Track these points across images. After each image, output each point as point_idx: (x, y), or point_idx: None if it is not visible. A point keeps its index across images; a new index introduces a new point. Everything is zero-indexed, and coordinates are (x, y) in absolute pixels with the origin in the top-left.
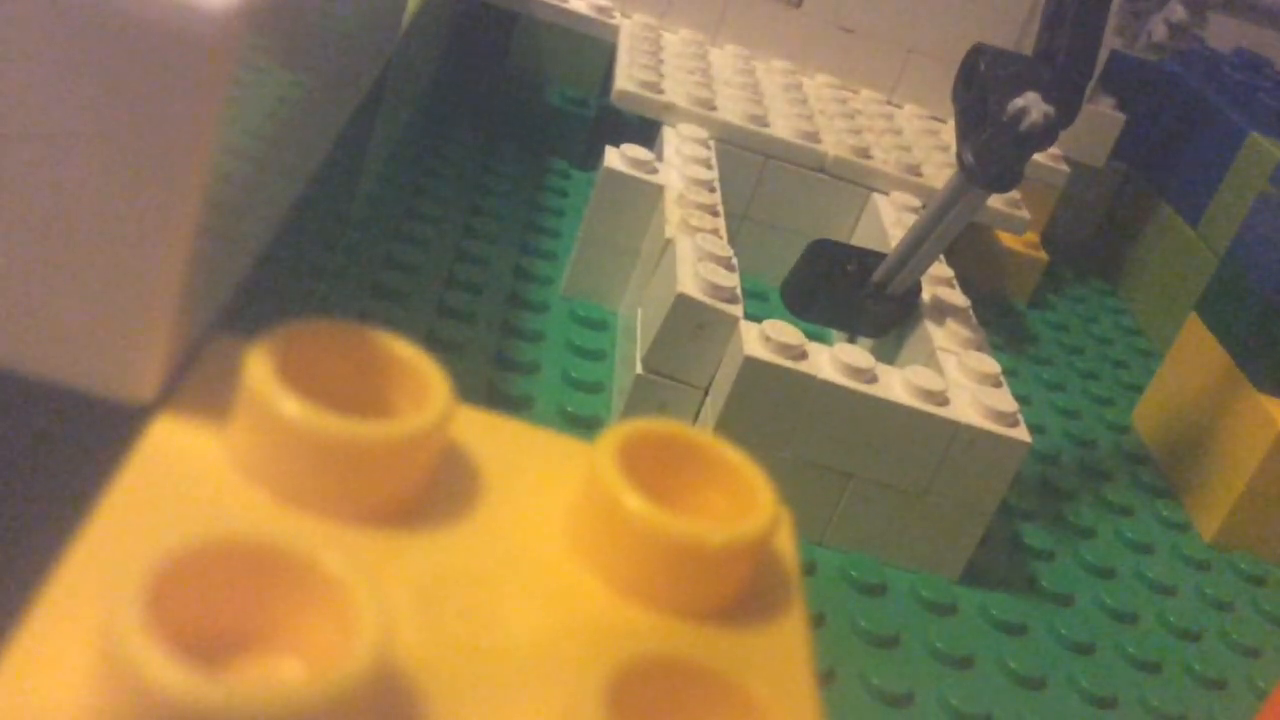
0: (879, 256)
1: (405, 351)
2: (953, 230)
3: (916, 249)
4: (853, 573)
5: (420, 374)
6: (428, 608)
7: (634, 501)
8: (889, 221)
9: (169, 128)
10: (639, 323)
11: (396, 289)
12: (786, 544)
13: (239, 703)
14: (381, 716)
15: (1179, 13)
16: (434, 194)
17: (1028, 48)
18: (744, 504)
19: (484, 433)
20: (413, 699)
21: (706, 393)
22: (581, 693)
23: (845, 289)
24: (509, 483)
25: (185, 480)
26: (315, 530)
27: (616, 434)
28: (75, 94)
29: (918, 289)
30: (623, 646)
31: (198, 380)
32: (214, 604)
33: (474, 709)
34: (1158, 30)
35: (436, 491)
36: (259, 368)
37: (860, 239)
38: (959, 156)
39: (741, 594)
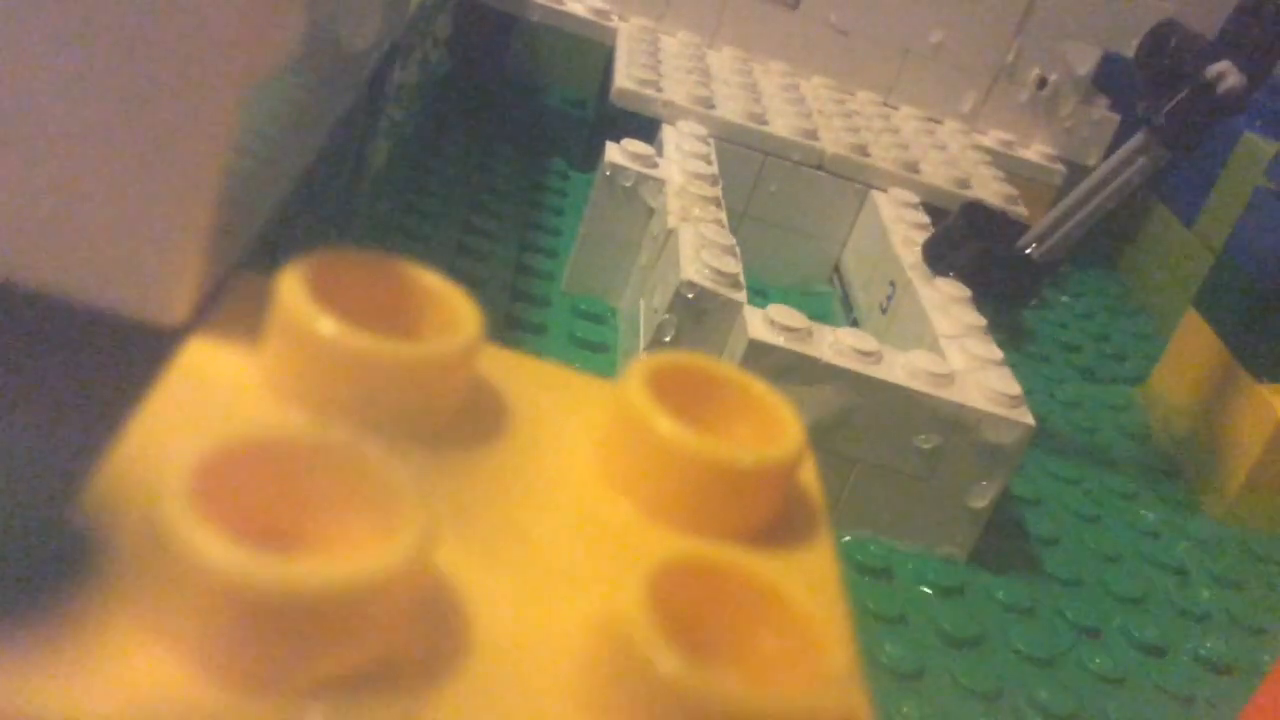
0: (1028, 229)
1: (434, 282)
2: (1123, 193)
3: (1075, 213)
4: (858, 556)
5: (450, 303)
6: (463, 523)
7: (665, 424)
8: (888, 218)
9: (205, 58)
10: (642, 312)
11: None
12: (811, 479)
13: (287, 578)
14: (422, 612)
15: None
16: (434, 193)
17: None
18: (771, 433)
19: (511, 369)
20: (450, 601)
21: None
22: (618, 595)
23: (988, 251)
24: (538, 415)
25: (218, 397)
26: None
27: (645, 365)
28: (108, 20)
29: (1058, 261)
30: (655, 557)
31: (227, 307)
32: (259, 499)
33: (510, 612)
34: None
35: (467, 420)
36: (293, 288)
37: (859, 236)
38: (1145, 119)
39: (772, 519)
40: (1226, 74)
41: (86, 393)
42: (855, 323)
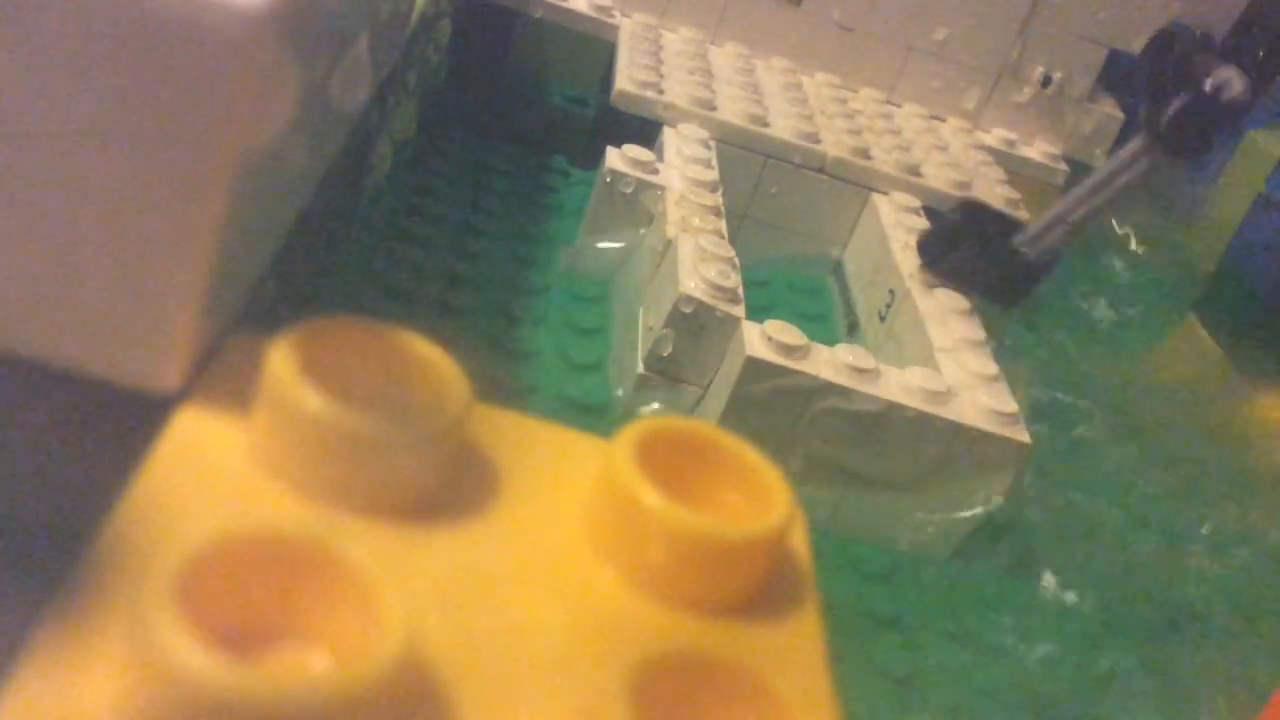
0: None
1: (424, 349)
2: (1119, 197)
3: (1072, 213)
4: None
5: (439, 371)
6: (447, 602)
7: (652, 497)
8: (888, 224)
9: (200, 127)
10: (640, 322)
11: (398, 287)
12: (800, 541)
13: (267, 690)
14: (405, 710)
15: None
16: (434, 193)
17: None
18: (759, 501)
19: (501, 429)
20: (435, 693)
21: (707, 392)
22: (603, 689)
23: (983, 248)
24: (526, 479)
25: (207, 473)
26: (335, 525)
27: (634, 430)
28: (109, 92)
29: (1053, 260)
30: (642, 643)
31: (219, 373)
32: (240, 597)
33: (495, 703)
34: None
35: (454, 487)
36: (281, 361)
37: (859, 239)
38: (1148, 124)
39: (758, 590)
40: (1231, 81)
41: (77, 464)
42: (854, 325)
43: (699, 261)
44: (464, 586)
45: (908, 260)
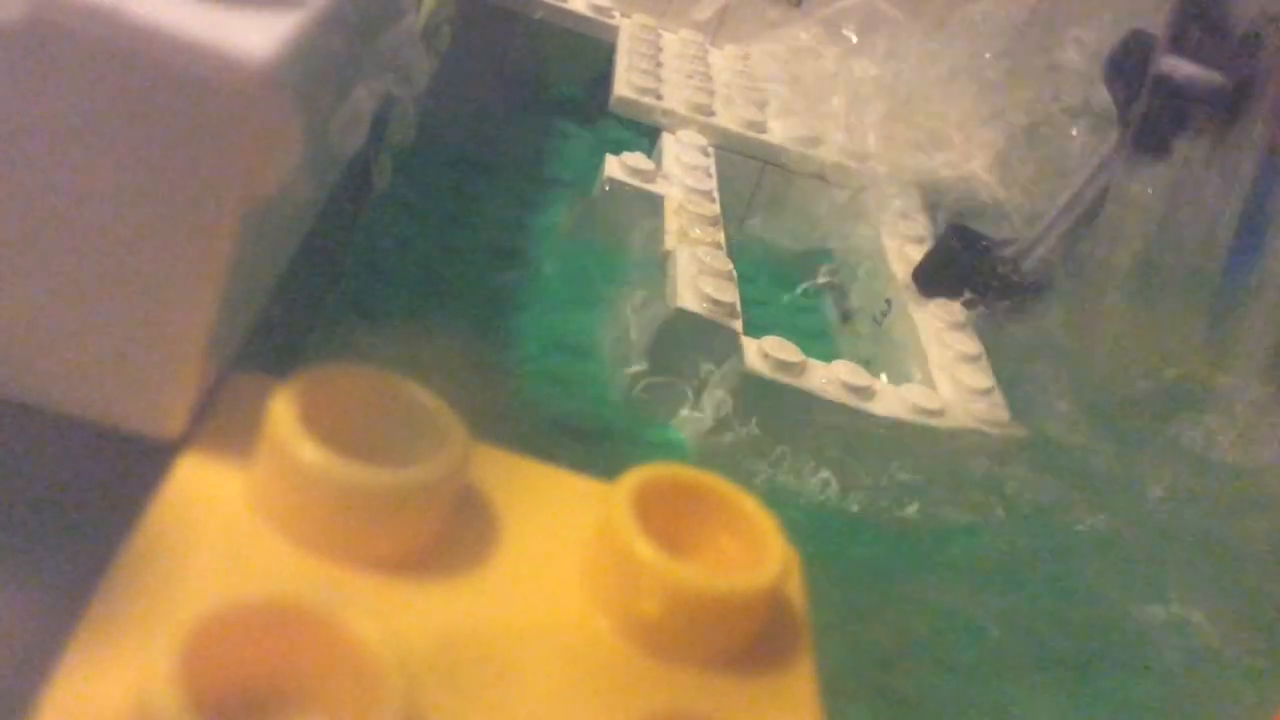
0: (1013, 244)
1: (423, 397)
2: (1102, 199)
3: (1058, 225)
4: None
5: (438, 420)
6: (445, 662)
7: (648, 551)
8: (886, 232)
9: (208, 178)
10: (636, 335)
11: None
12: (797, 590)
13: None
14: None
15: None
16: (435, 192)
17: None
18: (756, 551)
19: (500, 472)
20: None
21: (702, 405)
22: None
23: (976, 270)
24: (525, 525)
25: (209, 525)
26: (334, 578)
27: (632, 479)
28: (118, 144)
29: (1045, 283)
30: (639, 699)
31: (220, 417)
32: (240, 665)
33: None
34: None
35: (453, 535)
36: (281, 412)
37: (858, 241)
38: (1119, 125)
39: (753, 642)
40: (1178, 65)
41: (78, 509)
42: (847, 315)
43: (697, 275)
44: (462, 644)
45: (904, 269)
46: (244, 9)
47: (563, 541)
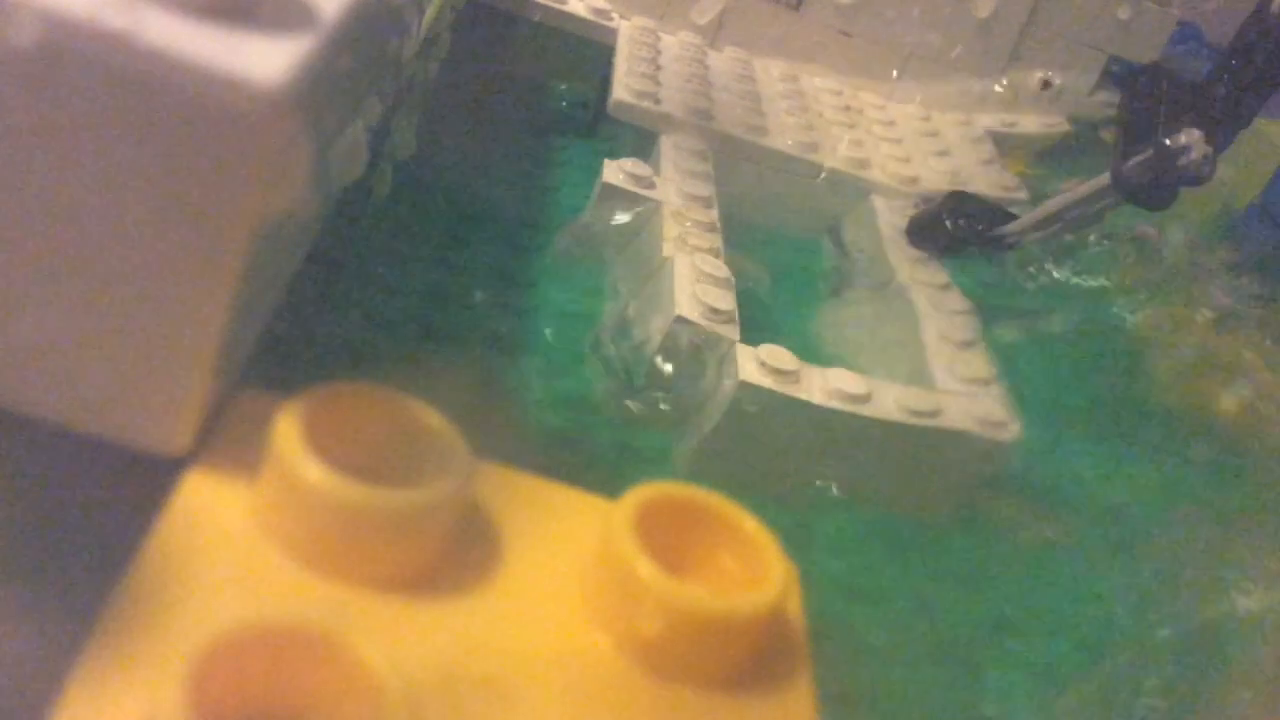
0: (1012, 217)
1: (426, 414)
2: (1074, 227)
3: (1045, 224)
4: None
5: (441, 438)
6: (447, 683)
7: (648, 570)
8: (886, 236)
9: (217, 200)
10: (632, 342)
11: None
12: (796, 609)
13: None
14: None
15: None
16: (434, 192)
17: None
18: (756, 569)
19: (502, 488)
20: None
21: (699, 413)
22: None
23: (967, 239)
24: (527, 543)
25: (215, 543)
26: (338, 597)
27: (632, 498)
28: (126, 166)
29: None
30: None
31: (225, 434)
32: (247, 685)
33: None
34: None
35: (456, 554)
36: (286, 430)
37: (856, 245)
38: (1114, 166)
39: (752, 661)
40: (1192, 146)
41: (86, 524)
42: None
43: (695, 283)
44: (464, 664)
45: (903, 271)
46: (255, 33)
47: (565, 560)
